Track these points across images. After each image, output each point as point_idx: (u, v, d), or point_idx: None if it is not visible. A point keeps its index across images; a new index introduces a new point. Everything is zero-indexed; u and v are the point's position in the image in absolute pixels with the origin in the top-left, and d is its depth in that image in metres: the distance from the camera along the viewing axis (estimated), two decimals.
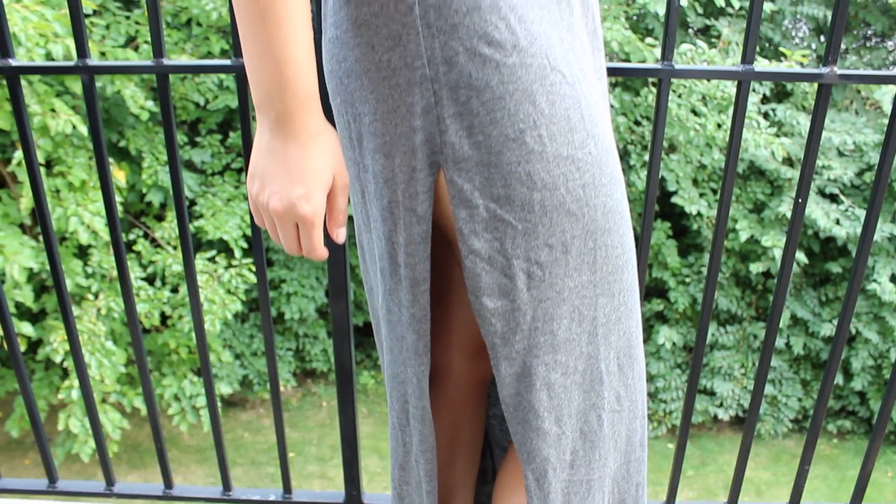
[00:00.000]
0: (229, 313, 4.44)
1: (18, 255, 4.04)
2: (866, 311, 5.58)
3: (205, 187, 5.15)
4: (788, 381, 5.74)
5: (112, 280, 4.54)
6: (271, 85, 0.69)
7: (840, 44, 0.95)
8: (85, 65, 1.02)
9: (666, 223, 5.55)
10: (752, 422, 1.28)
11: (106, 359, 4.32)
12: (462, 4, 0.69)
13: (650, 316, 5.78)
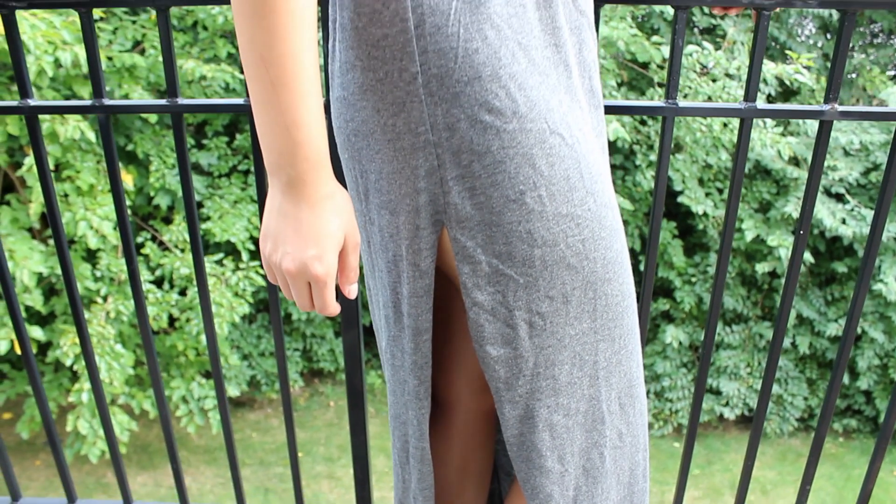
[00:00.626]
0: (237, 316, 4.47)
1: (28, 259, 4.07)
2: (872, 310, 5.58)
3: (212, 189, 5.18)
4: (794, 381, 5.74)
5: (121, 283, 4.57)
6: (283, 149, 0.71)
7: (840, 82, 0.97)
8: (101, 104, 1.04)
9: (672, 223, 5.56)
10: (760, 422, 1.29)
11: (115, 361, 4.35)
12: (463, 74, 0.71)
13: (656, 315, 5.79)
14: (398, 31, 0.71)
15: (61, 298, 4.73)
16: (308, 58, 0.68)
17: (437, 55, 0.71)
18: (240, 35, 0.68)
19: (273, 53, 0.67)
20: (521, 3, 0.73)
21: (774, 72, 4.52)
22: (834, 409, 4.95)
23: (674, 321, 5.70)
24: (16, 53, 1.02)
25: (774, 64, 4.59)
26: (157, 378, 1.29)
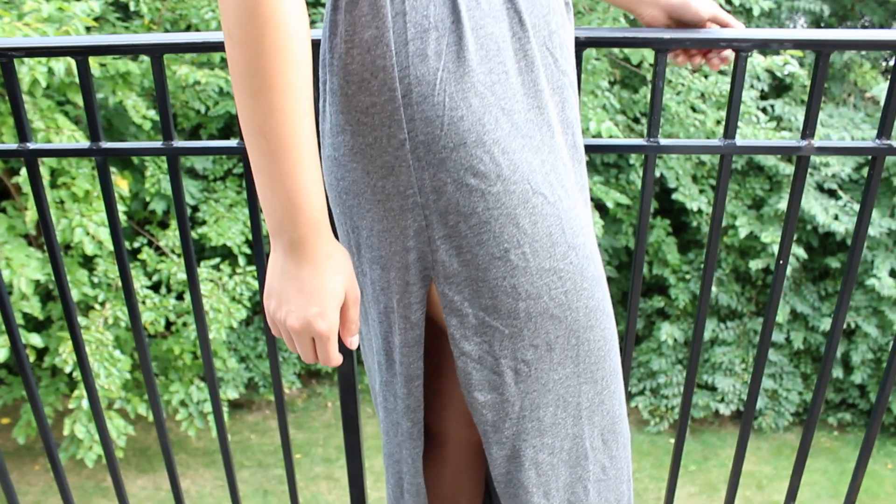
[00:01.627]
0: (234, 322, 4.49)
1: (25, 267, 4.09)
2: (865, 304, 5.62)
3: (207, 193, 5.19)
4: (789, 376, 5.78)
5: (118, 289, 4.59)
6: (284, 213, 0.73)
7: (817, 119, 0.99)
8: (99, 147, 1.06)
9: (666, 220, 5.59)
10: (749, 416, 1.32)
11: (113, 367, 4.38)
12: (449, 140, 0.74)
13: (651, 312, 5.83)
14: (386, 99, 0.74)
15: (58, 303, 4.74)
16: (305, 129, 0.71)
17: (424, 123, 0.74)
18: (240, 109, 0.71)
19: (272, 126, 0.70)
20: (503, 71, 0.76)
21: (764, 65, 4.52)
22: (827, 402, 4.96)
23: (669, 318, 5.74)
24: (15, 100, 1.04)
25: (763, 57, 4.60)
26: (151, 382, 1.32)
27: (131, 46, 1.02)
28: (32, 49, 1.02)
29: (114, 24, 4.59)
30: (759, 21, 5.78)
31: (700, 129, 4.87)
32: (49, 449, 1.39)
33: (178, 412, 4.87)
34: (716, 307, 5.72)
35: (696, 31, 0.96)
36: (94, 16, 3.94)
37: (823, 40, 0.95)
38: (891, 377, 1.26)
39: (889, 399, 1.29)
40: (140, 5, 4.21)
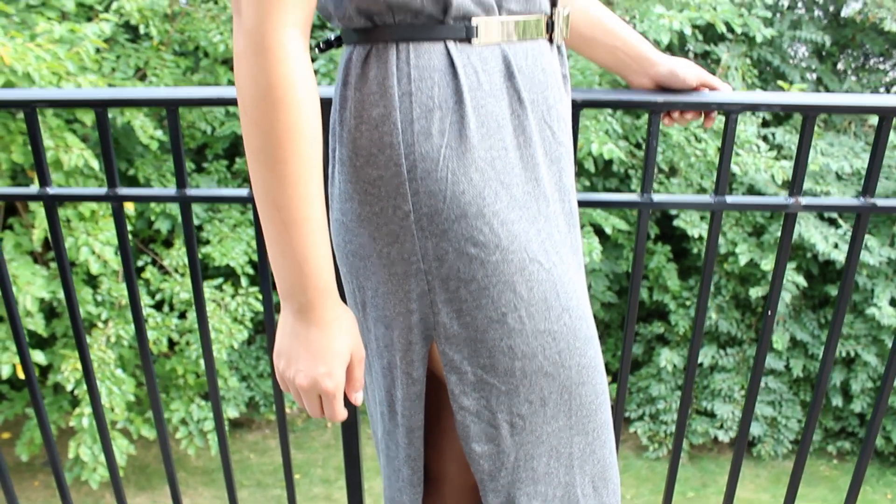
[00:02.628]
0: (236, 342, 4.52)
1: (31, 285, 4.13)
2: (865, 333, 5.64)
3: (211, 213, 5.23)
4: (788, 403, 5.79)
5: (121, 308, 4.62)
6: (294, 280, 0.78)
7: (804, 177, 1.03)
8: (115, 194, 1.10)
9: (667, 246, 5.62)
10: (743, 441, 1.34)
11: (116, 387, 4.40)
12: (451, 213, 0.78)
13: (651, 338, 5.85)
14: (392, 174, 0.78)
15: (62, 321, 4.78)
16: (316, 200, 0.75)
17: (428, 196, 0.78)
18: (254, 180, 0.75)
19: (285, 198, 0.74)
20: (503, 147, 0.81)
21: None
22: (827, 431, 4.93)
23: (668, 344, 5.76)
24: (36, 147, 1.08)
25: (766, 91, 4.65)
26: (156, 402, 1.35)
27: (149, 100, 1.07)
28: (55, 101, 1.07)
29: (123, 44, 4.65)
30: (762, 49, 5.84)
31: (701, 158, 4.92)
32: (56, 471, 1.42)
33: (178, 430, 4.89)
34: (715, 334, 5.74)
35: (688, 94, 1.00)
36: (105, 37, 4.00)
37: (810, 105, 0.98)
38: (882, 406, 1.29)
39: (889, 429, 1.32)
40: (150, 28, 4.27)
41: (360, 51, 0.81)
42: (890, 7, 5.47)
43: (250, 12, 0.71)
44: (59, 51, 3.71)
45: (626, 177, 5.52)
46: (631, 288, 1.11)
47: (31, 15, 4.02)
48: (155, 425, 1.36)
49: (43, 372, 4.97)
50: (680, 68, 1.03)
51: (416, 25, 0.78)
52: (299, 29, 0.73)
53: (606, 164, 5.43)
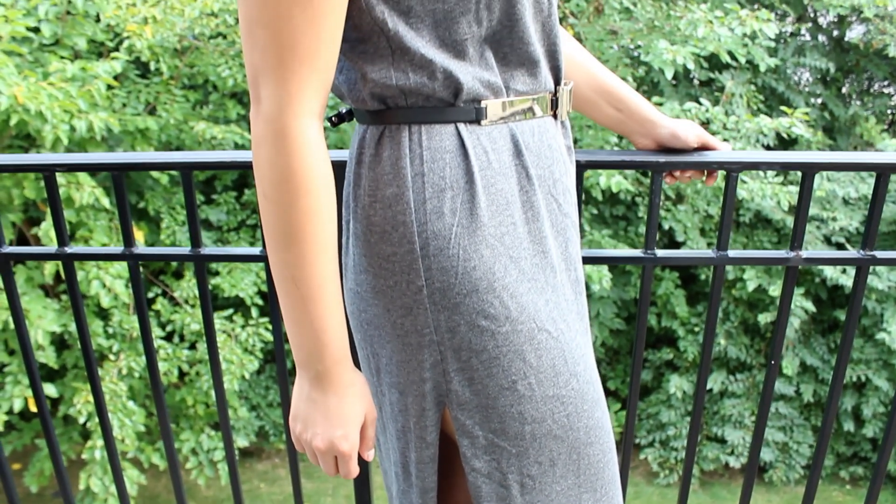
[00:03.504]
0: (247, 373, 4.54)
1: (42, 319, 4.17)
2: (876, 357, 5.62)
3: (220, 244, 5.28)
4: (799, 428, 5.77)
5: (132, 340, 4.65)
6: (311, 349, 0.82)
7: (804, 231, 1.05)
8: (132, 253, 1.13)
9: (674, 273, 5.63)
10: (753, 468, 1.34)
11: (127, 418, 4.42)
12: (463, 287, 0.81)
13: (660, 364, 5.84)
14: (406, 251, 0.81)
15: (72, 352, 4.80)
16: (332, 277, 0.79)
17: (440, 272, 0.81)
18: (272, 257, 0.79)
19: (303, 274, 0.78)
20: (512, 222, 0.84)
21: (772, 125, 4.60)
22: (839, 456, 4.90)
23: (678, 370, 5.75)
24: (55, 208, 1.11)
25: (771, 118, 4.68)
26: (167, 433, 1.37)
27: (164, 164, 1.10)
28: (73, 165, 1.10)
29: (134, 80, 4.72)
30: (766, 76, 5.87)
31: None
32: (68, 502, 1.43)
33: (188, 460, 4.90)
34: (725, 359, 5.73)
35: (689, 154, 1.03)
36: (115, 73, 4.06)
37: (809, 162, 1.01)
38: (893, 430, 1.29)
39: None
40: (160, 64, 4.33)
41: (374, 131, 0.84)
42: (893, 33, 5.50)
43: (270, 102, 0.75)
44: (71, 89, 3.77)
45: (632, 203, 5.54)
46: (635, 348, 1.13)
47: (45, 54, 4.08)
48: (166, 456, 1.38)
49: (53, 403, 4.99)
50: (681, 130, 1.06)
51: (427, 108, 0.81)
52: (316, 116, 0.77)
53: (613, 195, 5.46)
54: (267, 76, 0.74)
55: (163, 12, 4.11)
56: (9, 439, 4.96)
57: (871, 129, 6.08)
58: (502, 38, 0.83)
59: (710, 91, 5.86)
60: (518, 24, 0.83)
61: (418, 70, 0.80)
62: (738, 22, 3.72)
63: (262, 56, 0.74)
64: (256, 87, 0.76)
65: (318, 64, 0.75)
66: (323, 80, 0.76)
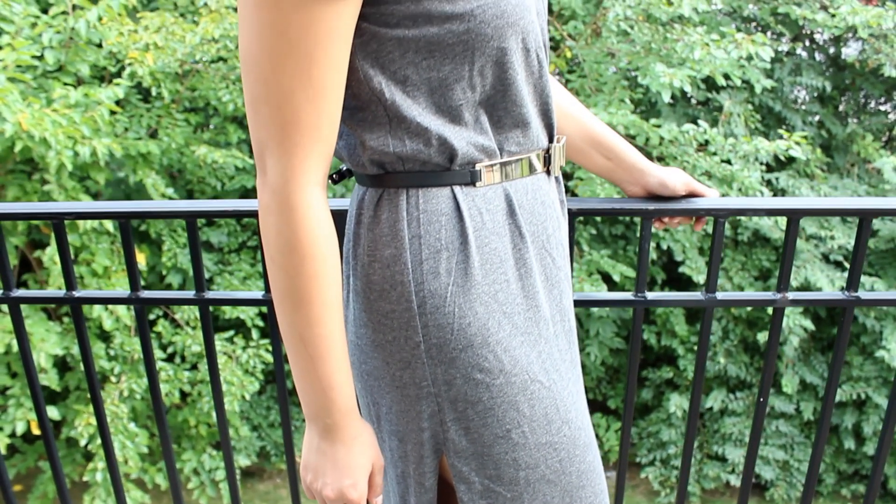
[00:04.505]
0: (247, 394, 4.56)
1: (45, 342, 4.19)
2: (875, 375, 5.63)
3: (221, 265, 5.31)
4: (800, 446, 5.77)
5: (134, 362, 4.68)
6: (319, 404, 0.86)
7: (790, 275, 1.08)
8: (138, 297, 1.16)
9: (674, 291, 5.65)
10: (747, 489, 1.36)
11: (129, 440, 4.44)
12: (458, 343, 0.85)
13: (660, 383, 5.86)
14: (404, 308, 0.85)
15: (74, 374, 4.83)
16: (339, 334, 0.83)
17: (437, 329, 0.85)
18: (280, 317, 0.83)
19: (310, 335, 0.82)
20: (505, 280, 0.87)
21: (769, 148, 4.65)
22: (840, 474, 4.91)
23: (678, 389, 5.76)
24: (64, 254, 1.15)
25: (768, 139, 4.72)
26: (169, 454, 1.39)
27: (168, 213, 1.13)
28: (81, 213, 1.13)
29: (136, 104, 4.77)
30: (763, 96, 5.91)
31: None
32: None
33: (190, 480, 4.91)
34: (724, 377, 5.74)
35: (677, 201, 1.06)
36: (116, 99, 4.11)
37: (794, 208, 1.04)
38: (885, 447, 1.32)
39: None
40: (161, 89, 4.38)
41: (373, 193, 0.88)
42: (888, 52, 5.55)
43: (275, 173, 0.78)
44: (74, 115, 3.82)
45: (631, 222, 5.57)
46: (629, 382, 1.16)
47: (48, 80, 4.13)
48: (168, 476, 1.41)
49: (56, 426, 5.01)
50: (669, 179, 1.10)
51: (424, 173, 0.85)
52: (319, 185, 0.81)
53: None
54: (272, 150, 0.78)
55: (164, 39, 4.16)
56: (12, 462, 4.97)
57: (867, 147, 6.12)
58: (496, 102, 0.87)
59: (708, 110, 5.91)
60: (511, 88, 0.86)
61: (415, 138, 0.84)
62: (735, 45, 3.77)
63: (267, 131, 0.77)
64: (262, 159, 0.79)
65: (320, 137, 0.78)
66: (325, 152, 0.80)
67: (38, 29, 3.96)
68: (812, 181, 5.87)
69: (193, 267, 1.13)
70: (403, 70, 0.81)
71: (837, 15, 4.62)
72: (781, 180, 5.64)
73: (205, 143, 4.75)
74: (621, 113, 4.19)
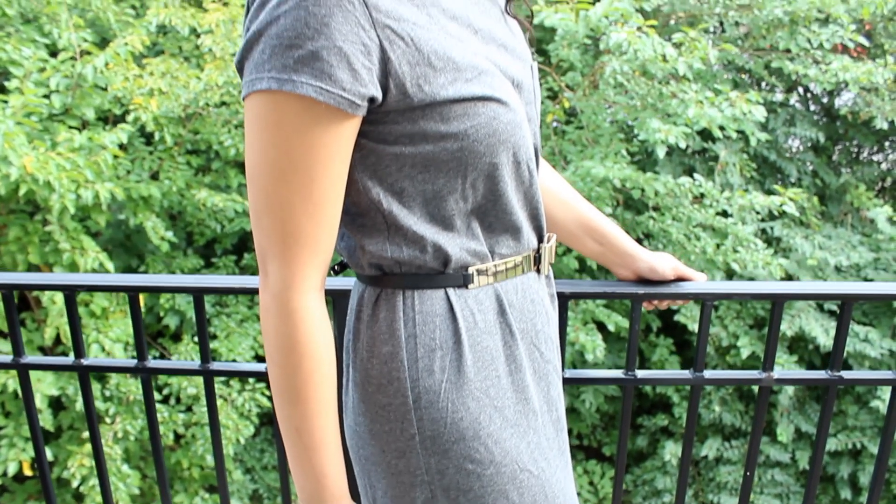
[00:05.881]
0: (242, 438, 4.56)
1: (41, 382, 4.20)
2: (870, 425, 5.64)
3: (219, 307, 5.33)
4: (795, 496, 5.75)
5: (129, 403, 4.68)
6: (312, 491, 0.90)
7: (775, 353, 1.12)
8: (144, 367, 1.20)
9: (669, 339, 5.68)
10: None
11: (122, 482, 4.43)
12: (451, 436, 0.89)
13: (655, 430, 5.85)
14: (400, 402, 0.90)
15: (68, 413, 4.82)
16: (332, 428, 0.88)
17: (431, 422, 0.90)
18: (278, 409, 0.87)
19: (306, 427, 0.87)
20: (496, 375, 0.92)
21: (764, 203, 4.72)
22: None
23: (673, 436, 5.76)
24: (73, 325, 1.18)
25: (763, 195, 4.80)
26: (166, 496, 1.41)
27: (178, 287, 1.17)
28: (92, 286, 1.17)
29: (138, 147, 4.83)
30: (758, 147, 5.99)
31: (700, 256, 5.02)
32: None
33: None
34: (719, 426, 5.74)
35: (666, 285, 1.10)
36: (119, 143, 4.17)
37: (777, 293, 1.08)
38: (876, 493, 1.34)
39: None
40: (164, 134, 4.45)
41: (371, 292, 0.93)
42: (879, 105, 5.64)
43: (276, 279, 0.83)
44: (78, 159, 3.87)
45: None
46: (617, 463, 1.19)
47: (54, 124, 4.20)
48: None
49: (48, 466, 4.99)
50: (658, 264, 1.14)
51: (420, 276, 0.90)
52: (317, 290, 0.86)
53: None
54: (273, 257, 0.83)
55: (168, 84, 4.23)
56: (1, 502, 4.95)
57: (861, 196, 6.19)
58: (487, 211, 0.92)
59: (704, 160, 5.99)
60: (502, 198, 0.92)
61: (411, 244, 0.89)
62: (728, 103, 3.85)
63: (269, 240, 0.82)
64: (264, 264, 0.84)
65: (319, 247, 0.83)
66: (324, 259, 0.85)
67: (46, 74, 4.04)
68: (807, 230, 5.94)
69: (200, 341, 1.16)
70: (400, 182, 0.86)
71: (829, 71, 4.72)
72: (776, 229, 5.70)
73: (206, 186, 4.80)
74: (618, 167, 4.26)
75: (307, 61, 0.79)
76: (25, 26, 4.67)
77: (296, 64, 0.79)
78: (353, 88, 0.81)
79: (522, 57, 0.97)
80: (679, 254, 5.18)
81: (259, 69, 0.81)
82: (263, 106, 0.81)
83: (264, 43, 0.80)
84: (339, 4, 0.79)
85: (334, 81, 0.80)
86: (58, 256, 4.19)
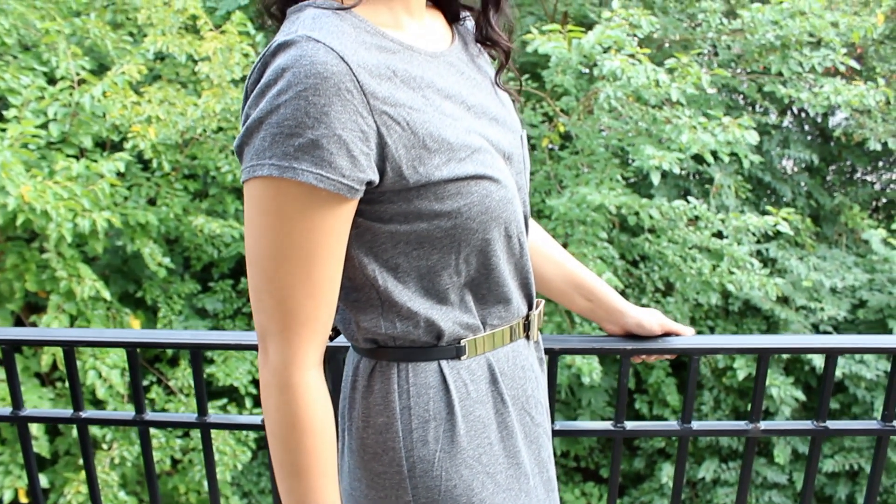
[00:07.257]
0: (240, 464, 4.56)
1: (38, 408, 4.20)
2: (868, 446, 5.65)
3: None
4: None
5: (126, 429, 4.67)
6: None
7: (761, 406, 1.14)
8: (142, 419, 1.21)
9: (665, 361, 5.69)
10: None
11: None
12: (445, 502, 0.92)
13: (652, 453, 5.85)
14: (395, 471, 0.92)
15: (65, 439, 4.82)
16: (332, 496, 0.89)
17: (426, 490, 0.92)
18: (279, 480, 0.89)
19: (306, 500, 0.88)
20: (488, 443, 0.94)
21: (758, 223, 4.74)
22: None
23: (670, 458, 5.76)
24: (73, 379, 1.20)
25: (757, 215, 4.82)
26: None
27: (176, 343, 1.19)
28: (91, 342, 1.19)
29: (136, 174, 4.85)
30: (753, 168, 6.03)
31: (696, 277, 5.04)
32: None
33: None
34: (716, 447, 5.75)
35: (654, 340, 1.12)
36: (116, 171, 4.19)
37: (762, 347, 1.10)
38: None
39: None
40: (162, 161, 4.47)
41: (367, 364, 0.96)
42: (872, 127, 5.69)
43: (276, 357, 0.85)
44: (76, 188, 3.89)
45: (622, 293, 5.64)
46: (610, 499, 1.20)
47: (51, 152, 4.22)
48: None
49: (44, 493, 4.98)
50: (646, 320, 1.17)
51: (414, 349, 0.93)
52: (316, 366, 0.88)
53: None
54: (273, 335, 0.85)
55: (166, 112, 4.26)
56: None
57: (855, 217, 6.23)
58: (480, 283, 0.95)
59: (699, 182, 6.02)
60: (494, 271, 0.94)
61: (405, 320, 0.91)
62: (721, 129, 3.88)
63: (269, 319, 0.84)
64: (264, 342, 0.86)
65: (318, 326, 0.86)
66: (322, 336, 0.87)
67: (44, 103, 4.06)
68: (802, 251, 5.97)
69: (197, 396, 1.18)
70: (395, 259, 0.89)
71: (821, 94, 4.76)
72: (771, 251, 5.73)
73: (203, 211, 4.82)
74: (613, 193, 4.29)
75: (308, 149, 0.82)
76: (24, 54, 4.71)
77: (296, 152, 0.82)
78: (352, 174, 0.84)
79: (513, 128, 1.00)
80: (675, 276, 5.20)
81: (260, 156, 0.84)
82: (264, 191, 0.84)
83: (265, 130, 0.83)
84: (338, 94, 0.81)
85: (334, 168, 0.83)
86: (55, 284, 4.20)
